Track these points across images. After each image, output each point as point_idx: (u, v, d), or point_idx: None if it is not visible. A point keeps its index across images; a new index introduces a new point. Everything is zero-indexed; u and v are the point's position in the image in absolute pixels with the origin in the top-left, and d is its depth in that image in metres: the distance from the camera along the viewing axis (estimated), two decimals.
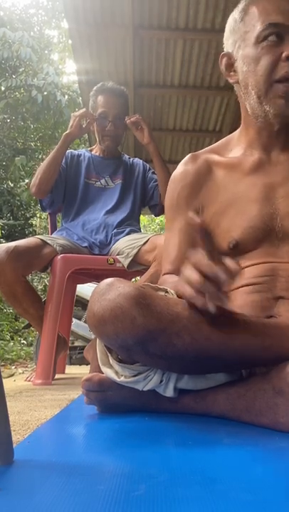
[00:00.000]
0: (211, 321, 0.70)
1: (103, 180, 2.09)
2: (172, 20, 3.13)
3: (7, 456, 0.52)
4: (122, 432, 0.73)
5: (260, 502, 0.41)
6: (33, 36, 7.78)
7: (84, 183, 2.07)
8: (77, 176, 2.08)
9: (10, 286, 1.70)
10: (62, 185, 2.05)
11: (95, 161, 2.12)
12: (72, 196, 2.06)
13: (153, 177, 2.14)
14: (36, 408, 1.12)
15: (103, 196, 2.07)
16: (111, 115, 2.01)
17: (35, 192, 2.00)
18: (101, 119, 2.02)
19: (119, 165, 2.13)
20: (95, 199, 2.06)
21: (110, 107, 2.01)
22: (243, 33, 0.94)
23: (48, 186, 1.98)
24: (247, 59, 0.93)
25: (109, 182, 2.10)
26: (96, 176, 2.09)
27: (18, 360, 4.02)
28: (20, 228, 7.44)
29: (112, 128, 2.03)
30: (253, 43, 0.91)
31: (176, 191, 1.06)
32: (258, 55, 0.90)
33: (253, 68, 0.91)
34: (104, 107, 2.01)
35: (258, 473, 0.51)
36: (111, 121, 2.02)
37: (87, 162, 2.12)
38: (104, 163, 2.12)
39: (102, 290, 0.74)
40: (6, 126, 7.59)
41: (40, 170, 1.98)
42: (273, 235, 0.91)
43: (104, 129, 2.03)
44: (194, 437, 0.67)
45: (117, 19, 3.10)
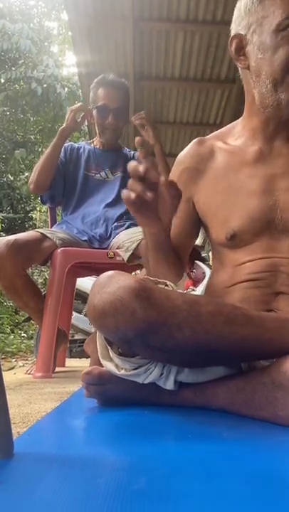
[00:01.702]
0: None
1: (103, 172, 2.09)
2: (173, 11, 3.11)
3: (7, 449, 0.52)
4: (121, 425, 0.73)
5: (260, 495, 0.41)
6: (32, 28, 7.72)
7: (83, 175, 2.07)
8: (76, 169, 2.08)
9: (10, 279, 1.71)
10: (62, 180, 2.05)
11: (95, 153, 2.12)
12: (72, 189, 2.06)
13: None
14: (36, 401, 1.12)
15: (103, 189, 2.06)
16: (112, 108, 2.00)
17: (33, 189, 2.00)
18: (101, 111, 2.01)
19: (119, 157, 2.12)
20: (95, 191, 2.05)
21: (111, 100, 2.00)
22: (260, 17, 0.90)
23: (46, 182, 1.97)
24: (263, 46, 0.89)
25: (109, 174, 2.09)
26: (96, 168, 2.09)
27: (18, 353, 4.03)
28: (20, 222, 7.44)
29: (113, 121, 2.02)
30: (272, 31, 0.88)
31: (177, 174, 1.07)
32: (276, 44, 0.87)
33: (270, 57, 0.88)
34: (104, 100, 2.00)
35: (257, 466, 0.51)
36: (111, 114, 2.01)
37: (87, 154, 2.11)
38: (104, 156, 2.11)
39: (102, 283, 0.74)
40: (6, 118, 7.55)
41: (38, 166, 1.98)
42: (273, 228, 0.91)
43: (104, 121, 2.02)
44: (194, 430, 0.67)
45: (117, 11, 3.07)
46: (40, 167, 1.96)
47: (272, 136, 0.96)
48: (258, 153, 0.97)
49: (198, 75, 3.69)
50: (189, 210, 1.05)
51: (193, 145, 1.07)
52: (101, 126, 2.05)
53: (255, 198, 0.93)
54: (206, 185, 1.02)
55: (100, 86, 2.03)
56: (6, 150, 7.34)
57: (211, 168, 1.02)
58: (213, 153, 1.03)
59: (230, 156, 1.00)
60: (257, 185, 0.93)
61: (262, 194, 0.92)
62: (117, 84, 2.05)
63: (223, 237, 0.95)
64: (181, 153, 1.09)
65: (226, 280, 0.96)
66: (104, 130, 2.06)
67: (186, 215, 1.06)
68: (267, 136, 0.96)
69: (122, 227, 1.95)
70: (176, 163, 1.10)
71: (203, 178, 1.02)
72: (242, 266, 0.93)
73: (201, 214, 1.04)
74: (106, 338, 0.81)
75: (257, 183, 0.94)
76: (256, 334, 0.71)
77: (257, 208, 0.92)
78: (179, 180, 1.05)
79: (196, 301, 0.72)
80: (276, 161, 0.95)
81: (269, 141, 0.97)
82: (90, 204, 2.03)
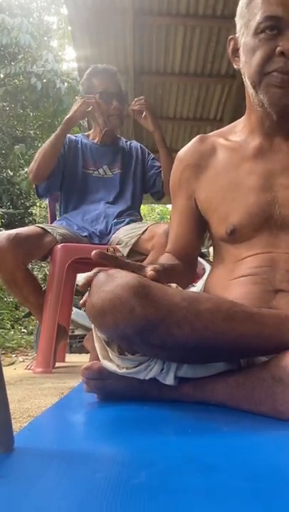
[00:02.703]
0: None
1: (101, 169, 2.07)
2: (173, 6, 3.09)
3: (7, 444, 0.53)
4: (121, 420, 0.74)
5: (259, 490, 0.42)
6: (32, 22, 7.67)
7: (82, 173, 2.05)
8: (75, 165, 2.06)
9: (11, 273, 1.71)
10: (60, 171, 2.02)
11: (92, 149, 2.09)
12: (71, 187, 2.05)
13: (154, 164, 2.12)
14: (36, 396, 1.12)
15: (102, 186, 2.05)
16: (114, 92, 1.98)
17: (33, 177, 1.98)
18: (105, 97, 1.97)
19: (117, 152, 2.10)
20: (94, 189, 2.04)
21: (110, 86, 1.99)
22: (247, 20, 0.92)
23: (46, 172, 1.95)
24: (246, 48, 0.92)
25: (108, 171, 2.07)
26: (94, 164, 2.07)
27: (18, 349, 4.04)
28: (20, 217, 7.42)
29: (118, 105, 1.99)
30: (251, 33, 0.90)
31: (179, 171, 1.08)
32: (254, 47, 0.89)
33: (249, 59, 0.90)
34: (103, 87, 1.98)
35: (257, 461, 0.51)
36: (115, 98, 1.98)
37: (84, 150, 2.08)
38: (101, 152, 2.09)
39: (101, 281, 0.74)
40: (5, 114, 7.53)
41: (39, 155, 1.95)
42: (272, 223, 0.91)
43: (110, 107, 1.99)
44: (194, 425, 0.67)
45: (117, 5, 3.06)
46: (42, 156, 1.93)
47: (270, 133, 0.96)
48: (258, 150, 0.97)
49: (198, 70, 3.67)
50: (192, 207, 1.06)
51: (194, 142, 1.08)
52: (106, 113, 2.01)
53: (254, 194, 0.93)
54: (207, 181, 1.02)
55: (94, 76, 2.01)
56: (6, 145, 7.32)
57: (212, 165, 1.02)
58: (215, 149, 1.03)
59: (231, 153, 1.00)
60: (256, 181, 0.94)
61: (261, 190, 0.93)
62: (110, 70, 2.03)
63: (223, 232, 0.96)
64: (182, 150, 1.09)
65: (226, 275, 0.96)
66: (109, 117, 2.02)
67: (190, 212, 1.07)
68: (265, 132, 0.97)
69: (122, 223, 1.95)
70: (177, 160, 1.10)
71: (205, 174, 1.03)
72: (242, 261, 0.94)
73: (202, 210, 1.05)
74: (104, 340, 0.81)
75: (256, 179, 0.94)
76: (256, 331, 0.71)
77: (256, 204, 0.92)
78: (181, 176, 1.07)
79: (195, 298, 0.72)
80: (275, 157, 0.95)
81: (268, 138, 0.97)
82: (90, 202, 2.02)
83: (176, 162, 1.11)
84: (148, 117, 1.97)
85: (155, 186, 2.10)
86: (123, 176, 2.08)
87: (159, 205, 11.35)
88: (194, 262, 1.14)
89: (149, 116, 1.97)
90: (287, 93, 0.88)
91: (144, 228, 1.82)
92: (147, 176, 2.12)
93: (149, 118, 1.97)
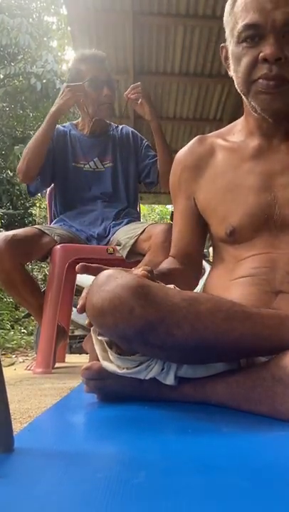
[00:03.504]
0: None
1: (92, 162, 2.00)
2: (172, 6, 3.09)
3: (7, 444, 0.53)
4: (121, 420, 0.74)
5: (259, 489, 0.42)
6: (31, 23, 7.67)
7: (73, 168, 1.98)
8: (65, 159, 1.98)
9: (8, 274, 1.71)
10: (50, 166, 1.95)
11: (81, 140, 2.01)
12: (63, 183, 2.00)
13: (149, 153, 2.04)
14: (36, 396, 1.12)
15: (94, 181, 1.99)
16: (104, 79, 1.89)
17: (22, 177, 1.91)
18: (95, 84, 1.86)
19: (107, 142, 2.02)
20: (86, 185, 1.98)
21: (99, 73, 1.89)
22: (231, 28, 0.92)
23: (35, 171, 1.88)
24: (232, 57, 0.92)
25: (99, 164, 2.00)
26: (84, 157, 1.99)
27: (18, 349, 4.04)
28: (19, 218, 7.42)
29: (109, 92, 1.90)
30: (235, 42, 0.90)
31: (178, 173, 1.09)
32: (239, 55, 0.89)
33: (236, 68, 0.91)
34: (93, 73, 1.86)
35: (257, 461, 0.51)
36: (106, 85, 1.89)
37: (74, 142, 2.00)
38: (91, 143, 2.01)
39: (100, 281, 0.74)
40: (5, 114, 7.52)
41: (27, 155, 1.86)
42: (272, 224, 0.91)
43: (101, 94, 1.89)
44: (194, 425, 0.67)
45: (117, 5, 3.06)
46: (30, 155, 1.84)
47: (269, 134, 0.96)
48: (257, 150, 0.97)
49: (198, 70, 3.68)
50: (192, 208, 1.07)
51: (193, 143, 1.08)
52: (97, 102, 1.89)
53: (253, 194, 0.93)
54: (206, 181, 1.02)
55: (82, 62, 1.91)
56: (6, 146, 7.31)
57: (211, 165, 1.02)
58: (213, 150, 1.03)
59: (230, 153, 1.00)
60: (256, 181, 0.94)
61: (260, 190, 0.93)
62: (98, 57, 1.93)
63: (222, 233, 0.96)
64: (181, 151, 1.09)
65: (226, 276, 0.96)
66: (101, 105, 1.91)
67: (190, 213, 1.07)
68: (264, 133, 0.97)
69: (121, 224, 1.94)
70: (176, 161, 1.11)
71: (204, 175, 1.03)
72: (242, 261, 0.94)
73: (201, 210, 1.05)
74: (104, 341, 0.81)
75: (256, 180, 0.94)
76: (255, 331, 0.71)
77: (255, 204, 0.92)
78: (180, 178, 1.07)
79: (194, 298, 0.72)
80: (275, 158, 0.95)
81: (267, 138, 0.97)
82: (86, 201, 1.98)
83: (175, 163, 1.11)
84: (144, 105, 1.86)
85: (149, 177, 2.01)
86: (115, 169, 2.01)
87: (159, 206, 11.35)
88: (198, 265, 1.13)
89: (146, 104, 1.86)
90: (276, 98, 0.87)
91: (142, 229, 1.81)
92: (141, 166, 2.03)
93: (145, 106, 1.86)
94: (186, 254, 1.10)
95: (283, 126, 0.95)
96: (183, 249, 1.10)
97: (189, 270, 1.08)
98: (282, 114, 0.91)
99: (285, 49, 0.84)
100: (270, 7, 0.84)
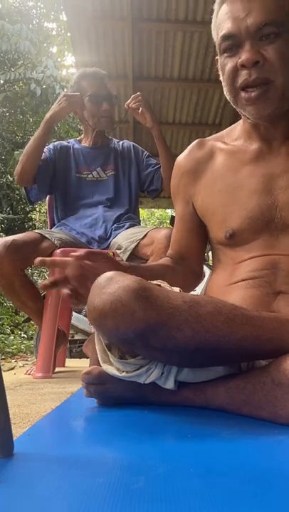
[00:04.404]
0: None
1: (95, 172, 2.06)
2: (171, 12, 3.11)
3: (7, 449, 0.53)
4: (121, 425, 0.73)
5: (259, 494, 0.42)
6: (31, 29, 7.71)
7: (76, 178, 2.04)
8: (67, 171, 2.05)
9: (8, 279, 1.71)
10: (48, 176, 2.01)
11: (84, 152, 2.09)
12: (66, 194, 2.04)
13: (150, 162, 2.10)
14: (36, 401, 1.12)
15: (97, 190, 2.04)
16: (103, 94, 1.99)
17: (18, 180, 1.97)
18: (95, 99, 1.98)
19: (109, 153, 2.10)
20: (90, 194, 2.03)
21: (99, 88, 1.99)
22: (215, 40, 0.94)
23: (31, 175, 1.94)
24: (220, 67, 0.94)
25: (101, 174, 2.06)
26: (87, 168, 2.06)
27: (18, 354, 4.04)
28: (19, 222, 7.43)
29: (108, 107, 2.00)
30: (219, 53, 0.92)
31: (177, 177, 1.10)
32: (223, 65, 0.91)
33: (222, 77, 0.93)
34: (93, 89, 1.99)
35: (257, 465, 0.51)
36: (105, 101, 1.99)
37: (76, 155, 2.08)
38: (93, 154, 2.09)
39: (102, 283, 0.74)
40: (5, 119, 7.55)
41: (23, 158, 1.94)
42: (272, 226, 0.91)
43: (100, 109, 1.99)
44: (194, 430, 0.67)
45: (116, 11, 3.08)
46: (26, 159, 1.92)
47: (267, 137, 0.97)
48: (257, 153, 0.97)
49: (197, 75, 3.69)
50: (190, 212, 1.08)
51: (192, 147, 1.09)
52: (96, 115, 2.01)
53: (254, 197, 0.93)
54: (204, 185, 1.03)
55: (83, 79, 2.01)
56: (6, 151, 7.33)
57: (209, 169, 1.03)
58: (213, 154, 1.04)
59: (229, 156, 1.01)
60: (256, 184, 0.94)
61: (261, 193, 0.93)
62: (99, 74, 2.04)
63: (222, 236, 0.97)
64: (181, 156, 1.11)
65: (226, 279, 0.96)
66: (100, 119, 2.02)
67: (188, 217, 1.08)
68: (262, 136, 0.97)
69: (122, 228, 1.95)
70: (175, 166, 1.12)
71: (202, 178, 1.04)
72: (242, 264, 0.94)
73: (200, 214, 1.05)
74: (105, 343, 0.81)
75: (256, 182, 0.94)
76: (256, 334, 0.71)
77: (256, 207, 0.92)
78: (179, 182, 1.09)
79: (195, 301, 0.72)
80: (275, 160, 0.95)
81: (266, 141, 0.97)
82: (87, 207, 2.01)
83: (174, 168, 1.12)
84: (146, 113, 1.95)
85: (153, 184, 2.08)
86: (117, 177, 2.07)
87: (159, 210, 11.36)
88: (196, 268, 1.13)
89: (147, 112, 1.95)
90: (263, 106, 0.88)
91: (144, 233, 1.82)
92: (143, 175, 2.10)
93: (146, 114, 1.95)
94: (183, 256, 1.11)
95: (280, 128, 0.95)
96: (179, 251, 1.12)
97: (184, 271, 1.09)
98: (276, 116, 0.92)
99: (263, 51, 0.85)
100: (243, 15, 0.86)
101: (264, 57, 0.85)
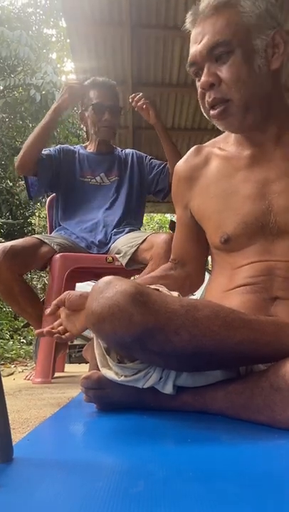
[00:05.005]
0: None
1: (98, 177, 2.08)
2: (170, 18, 3.12)
3: (7, 454, 0.53)
4: (121, 430, 0.74)
5: (258, 498, 0.42)
6: (31, 35, 7.75)
7: (79, 181, 2.06)
8: (71, 173, 2.07)
9: (7, 285, 1.71)
10: (50, 172, 2.02)
11: (89, 157, 2.12)
12: (69, 196, 2.05)
13: (154, 164, 2.13)
14: (36, 406, 1.12)
15: (99, 194, 2.06)
16: (107, 105, 2.02)
17: (18, 167, 1.97)
18: (97, 109, 2.02)
19: (113, 160, 2.13)
20: (92, 197, 2.05)
21: (104, 99, 2.02)
22: None
23: (31, 163, 1.94)
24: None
25: (105, 179, 2.09)
26: (91, 173, 2.09)
27: (17, 359, 4.02)
28: (19, 227, 7.43)
29: (109, 117, 2.03)
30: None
31: (175, 183, 1.12)
32: (197, 86, 0.95)
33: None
34: (98, 99, 2.02)
35: (256, 469, 0.51)
36: (107, 111, 2.02)
37: (81, 159, 2.11)
38: (98, 160, 2.12)
39: (100, 288, 0.74)
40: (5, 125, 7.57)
41: (25, 145, 1.95)
42: (267, 231, 0.92)
43: (101, 118, 2.03)
44: (193, 434, 0.67)
45: (115, 18, 3.09)
46: (27, 146, 1.92)
47: (259, 142, 0.97)
48: (251, 158, 0.98)
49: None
50: (188, 217, 1.09)
51: (189, 153, 1.11)
52: (97, 125, 2.05)
53: (248, 203, 0.94)
54: (200, 191, 1.04)
55: (91, 88, 2.05)
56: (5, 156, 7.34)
57: (205, 175, 1.04)
58: (208, 159, 1.05)
59: (224, 162, 1.02)
60: (250, 189, 0.95)
61: (255, 198, 0.93)
62: (108, 83, 2.07)
63: (217, 241, 0.97)
64: (180, 163, 1.13)
65: (224, 284, 0.96)
66: (100, 128, 2.05)
67: (187, 222, 1.10)
68: (253, 143, 0.98)
69: (122, 232, 1.95)
70: (174, 171, 1.14)
71: (198, 184, 1.05)
72: (239, 269, 0.94)
73: (197, 219, 1.06)
74: (104, 347, 0.81)
75: (250, 188, 0.95)
76: (253, 338, 0.72)
77: (251, 213, 0.93)
78: (177, 188, 1.10)
79: (193, 305, 0.72)
80: (268, 166, 0.96)
81: (258, 146, 0.97)
82: (88, 210, 2.02)
83: (174, 174, 1.14)
84: (149, 109, 1.97)
85: (158, 184, 2.11)
86: (120, 182, 2.09)
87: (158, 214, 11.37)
88: (198, 272, 1.14)
89: (151, 108, 1.97)
90: (226, 121, 0.92)
91: (143, 238, 1.83)
92: (149, 179, 2.13)
93: (150, 109, 1.97)
94: (184, 260, 1.12)
95: (270, 133, 0.96)
96: (180, 256, 1.13)
97: (184, 275, 1.10)
98: (249, 127, 0.93)
99: (219, 72, 0.88)
100: (199, 39, 0.90)
101: (219, 78, 0.88)
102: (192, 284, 1.13)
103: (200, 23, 0.90)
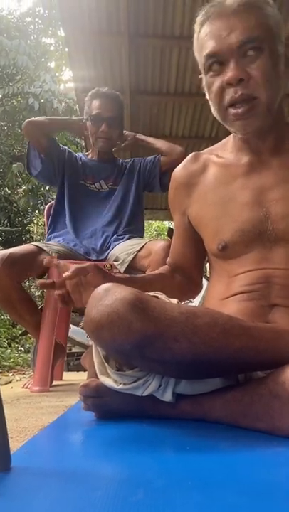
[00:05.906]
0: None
1: (98, 183, 2.11)
2: (168, 28, 3.15)
3: (5, 463, 0.52)
4: (119, 438, 0.73)
5: (257, 506, 0.42)
6: (29, 44, 7.80)
7: (81, 185, 2.09)
8: (74, 175, 2.10)
9: (5, 292, 1.71)
10: (52, 163, 2.07)
11: (90, 163, 2.15)
12: (68, 199, 2.06)
13: (147, 160, 2.18)
14: (34, 415, 1.11)
15: (98, 201, 2.07)
16: (105, 117, 2.04)
17: (26, 125, 2.03)
18: (95, 120, 2.04)
19: (113, 169, 2.15)
20: (90, 204, 2.06)
21: (104, 110, 2.04)
22: (199, 60, 0.96)
23: (39, 131, 2.02)
24: (205, 86, 0.95)
25: (104, 185, 2.12)
26: (91, 178, 2.12)
27: (15, 367, 4.00)
28: (17, 235, 7.43)
29: (106, 129, 2.05)
30: (204, 72, 0.94)
31: (172, 190, 1.13)
32: (209, 84, 0.93)
33: (209, 96, 0.94)
34: (98, 110, 2.04)
35: (255, 477, 0.51)
36: (105, 123, 2.04)
37: (84, 164, 2.15)
38: (98, 166, 2.15)
39: (99, 295, 0.74)
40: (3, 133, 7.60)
41: (43, 121, 2.07)
42: (265, 239, 0.92)
43: (98, 130, 2.05)
44: (192, 442, 0.67)
45: (113, 27, 3.12)
46: (45, 119, 2.09)
47: (257, 150, 0.98)
48: (248, 166, 0.98)
49: (193, 89, 3.74)
50: (185, 224, 1.10)
51: (187, 160, 1.11)
52: (95, 136, 2.07)
53: (246, 210, 0.94)
54: (198, 198, 1.04)
55: (94, 98, 2.07)
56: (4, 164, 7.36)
57: (202, 182, 1.05)
58: (206, 167, 1.06)
59: (222, 169, 1.02)
60: (248, 196, 0.95)
61: (253, 206, 0.94)
62: (110, 95, 2.09)
63: (215, 248, 0.98)
64: (177, 169, 1.13)
65: (222, 292, 0.96)
66: (97, 139, 2.08)
67: (184, 229, 1.10)
68: (252, 150, 0.98)
69: (122, 239, 1.96)
70: (172, 178, 1.14)
71: (195, 191, 1.05)
72: (236, 277, 0.94)
73: (195, 226, 1.07)
74: (103, 355, 0.81)
75: (247, 195, 0.95)
76: (252, 345, 0.72)
77: (248, 220, 0.93)
78: (175, 195, 1.11)
79: (192, 312, 0.72)
80: (266, 173, 0.96)
81: (257, 154, 0.98)
82: (87, 216, 2.04)
83: (171, 181, 1.14)
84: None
85: (152, 174, 2.15)
86: (119, 190, 2.11)
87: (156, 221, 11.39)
88: (195, 277, 1.14)
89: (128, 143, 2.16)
90: (251, 121, 0.90)
91: (141, 245, 1.83)
92: (145, 176, 2.16)
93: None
94: (180, 266, 1.13)
95: (269, 141, 0.97)
96: (177, 261, 1.14)
97: (181, 279, 1.11)
98: (262, 131, 0.94)
99: (248, 67, 0.87)
100: (225, 33, 0.88)
101: (249, 74, 0.87)
102: (190, 289, 1.13)
103: (225, 17, 0.88)
